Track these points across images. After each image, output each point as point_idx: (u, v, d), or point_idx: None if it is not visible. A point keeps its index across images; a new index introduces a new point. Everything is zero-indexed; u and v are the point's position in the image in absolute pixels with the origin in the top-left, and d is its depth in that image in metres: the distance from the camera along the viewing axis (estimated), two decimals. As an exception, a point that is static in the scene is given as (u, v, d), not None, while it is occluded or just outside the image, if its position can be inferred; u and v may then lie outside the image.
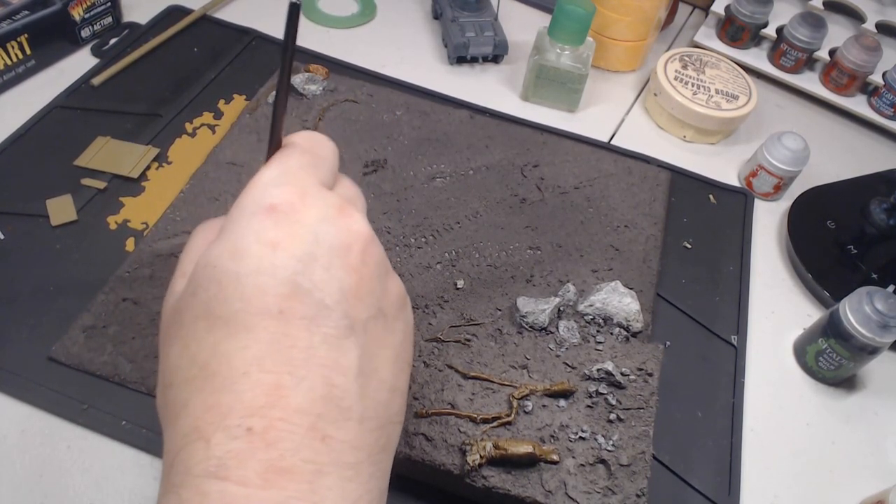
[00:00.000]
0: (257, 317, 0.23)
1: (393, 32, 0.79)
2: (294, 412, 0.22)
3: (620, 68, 0.80)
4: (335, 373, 0.24)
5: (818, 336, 0.54)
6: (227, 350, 0.23)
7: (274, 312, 0.23)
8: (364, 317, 0.25)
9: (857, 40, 0.75)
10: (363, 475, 0.24)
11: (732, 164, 0.72)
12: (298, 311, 0.24)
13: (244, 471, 0.21)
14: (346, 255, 0.25)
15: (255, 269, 0.24)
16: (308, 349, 0.23)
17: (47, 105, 0.63)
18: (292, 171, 0.27)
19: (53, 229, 0.54)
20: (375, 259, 0.27)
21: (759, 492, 0.49)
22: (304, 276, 0.24)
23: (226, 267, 0.24)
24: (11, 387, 0.46)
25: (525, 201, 0.60)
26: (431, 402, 0.45)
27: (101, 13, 0.70)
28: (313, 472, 0.22)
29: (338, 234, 0.25)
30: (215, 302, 0.24)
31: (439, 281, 0.52)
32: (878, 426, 0.54)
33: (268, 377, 0.23)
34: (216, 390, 0.23)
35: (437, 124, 0.65)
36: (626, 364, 0.48)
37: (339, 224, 0.26)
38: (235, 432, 0.22)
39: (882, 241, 0.64)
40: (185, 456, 0.22)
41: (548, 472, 0.42)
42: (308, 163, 0.27)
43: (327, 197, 0.26)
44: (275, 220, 0.25)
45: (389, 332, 0.27)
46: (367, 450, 0.24)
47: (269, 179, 0.26)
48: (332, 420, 0.23)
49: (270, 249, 0.24)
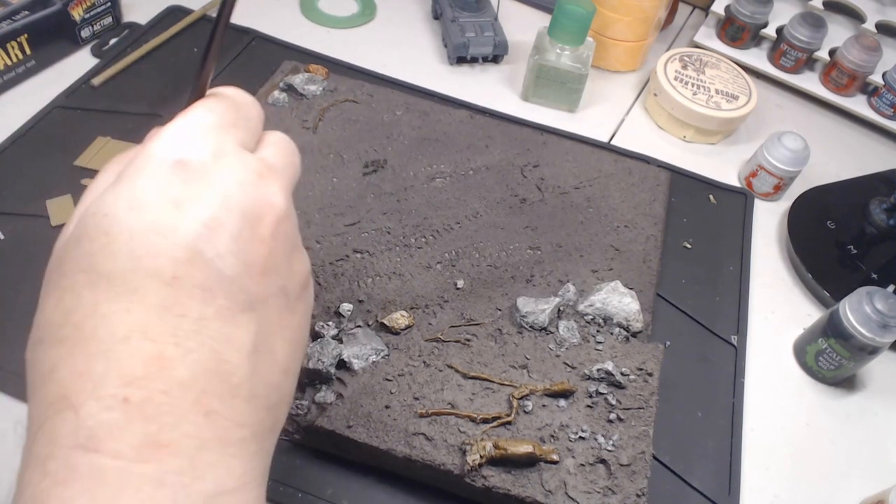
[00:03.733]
0: (147, 279, 0.21)
1: (393, 32, 0.79)
2: (177, 385, 0.21)
3: (620, 68, 0.80)
4: (227, 348, 0.22)
5: (818, 336, 0.54)
6: (107, 312, 0.21)
7: (166, 277, 0.21)
8: (265, 293, 0.24)
9: (857, 40, 0.75)
10: (248, 453, 0.23)
11: (732, 164, 0.72)
12: (194, 278, 0.22)
13: (118, 444, 0.20)
14: (256, 225, 0.23)
15: (152, 226, 0.21)
16: (199, 321, 0.22)
17: (47, 105, 0.63)
18: (211, 125, 0.24)
19: (53, 229, 0.54)
20: (286, 234, 0.25)
21: (759, 492, 0.49)
22: (207, 242, 0.22)
23: (119, 217, 0.22)
24: (11, 387, 0.46)
25: (525, 201, 0.60)
26: (431, 402, 0.45)
27: (101, 13, 0.70)
28: (195, 448, 0.21)
29: (250, 203, 0.23)
30: (101, 256, 0.21)
31: (439, 281, 0.52)
32: (878, 426, 0.54)
33: (151, 346, 0.21)
34: (90, 355, 0.21)
35: (437, 124, 0.65)
36: (626, 364, 0.48)
37: (254, 192, 0.24)
38: (109, 402, 0.20)
39: (882, 241, 0.64)
40: (52, 427, 0.21)
41: (548, 472, 0.42)
42: (231, 120, 0.25)
43: (245, 160, 0.24)
44: (183, 177, 0.22)
45: (290, 312, 0.25)
46: (253, 428, 0.23)
47: (184, 129, 0.24)
48: (218, 395, 0.22)
49: (173, 208, 0.22)
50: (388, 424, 0.43)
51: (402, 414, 0.44)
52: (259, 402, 0.23)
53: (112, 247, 0.21)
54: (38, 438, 0.21)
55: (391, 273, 0.52)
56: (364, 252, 0.53)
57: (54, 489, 0.20)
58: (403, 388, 0.45)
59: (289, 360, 0.25)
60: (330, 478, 0.45)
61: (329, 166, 0.59)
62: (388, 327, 0.48)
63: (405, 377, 0.46)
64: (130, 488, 0.20)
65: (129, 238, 0.21)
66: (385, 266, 0.53)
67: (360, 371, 0.45)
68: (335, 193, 0.57)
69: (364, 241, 0.54)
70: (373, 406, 0.44)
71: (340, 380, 0.45)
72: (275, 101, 0.64)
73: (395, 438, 0.43)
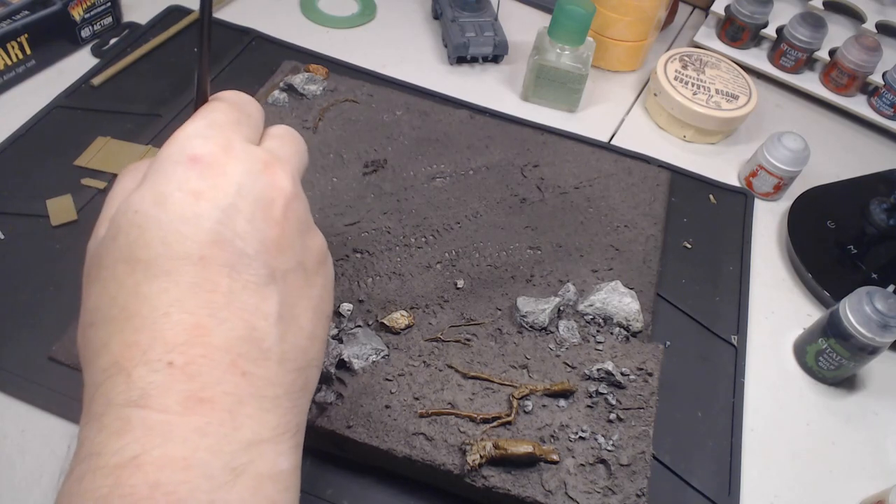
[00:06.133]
0: (178, 261, 0.24)
1: (393, 32, 0.79)
2: (215, 349, 0.23)
3: (620, 68, 0.80)
4: (256, 317, 0.25)
5: (818, 336, 0.54)
6: (148, 292, 0.24)
7: (195, 258, 0.24)
8: (284, 268, 0.26)
9: (857, 40, 0.75)
10: (281, 408, 0.25)
11: (732, 164, 0.72)
12: (220, 258, 0.24)
13: (165, 400, 0.22)
14: (269, 208, 0.26)
15: (177, 216, 0.24)
16: (229, 294, 0.24)
17: (47, 105, 0.63)
18: (218, 124, 0.27)
19: (53, 229, 0.54)
20: (297, 215, 0.27)
21: (759, 492, 0.49)
22: (226, 225, 0.25)
23: (148, 212, 0.24)
24: (11, 387, 0.46)
25: (525, 201, 0.60)
26: (431, 401, 0.45)
27: (101, 13, 0.70)
28: (233, 402, 0.23)
29: (261, 189, 0.26)
30: (136, 246, 0.24)
31: (439, 281, 0.52)
32: (878, 426, 0.54)
33: (189, 317, 0.23)
34: (137, 329, 0.23)
35: (437, 124, 0.65)
36: (626, 364, 0.48)
37: (263, 179, 0.26)
38: (156, 366, 0.23)
39: (882, 241, 0.64)
40: (106, 389, 0.23)
41: (548, 472, 0.42)
42: (234, 119, 0.28)
43: (252, 151, 0.27)
44: (199, 171, 0.25)
45: (309, 284, 0.28)
46: (286, 387, 0.26)
47: (193, 131, 0.27)
48: (252, 359, 0.24)
49: (193, 198, 0.25)
50: (388, 424, 0.43)
51: (402, 414, 0.44)
52: (289, 364, 0.26)
53: (145, 237, 0.24)
54: (95, 399, 0.23)
55: (391, 273, 0.52)
56: (364, 252, 0.53)
57: (110, 440, 0.22)
58: (403, 388, 0.45)
59: (313, 326, 0.28)
60: (330, 478, 0.45)
61: (329, 166, 0.59)
62: (388, 327, 0.48)
63: (405, 377, 0.46)
64: (177, 437, 0.22)
65: (158, 228, 0.24)
66: (385, 266, 0.53)
67: (360, 371, 0.45)
68: (335, 193, 0.57)
69: (364, 240, 0.54)
70: (373, 406, 0.44)
71: (340, 380, 0.45)
72: (275, 101, 0.64)
73: (395, 438, 0.43)
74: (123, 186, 0.28)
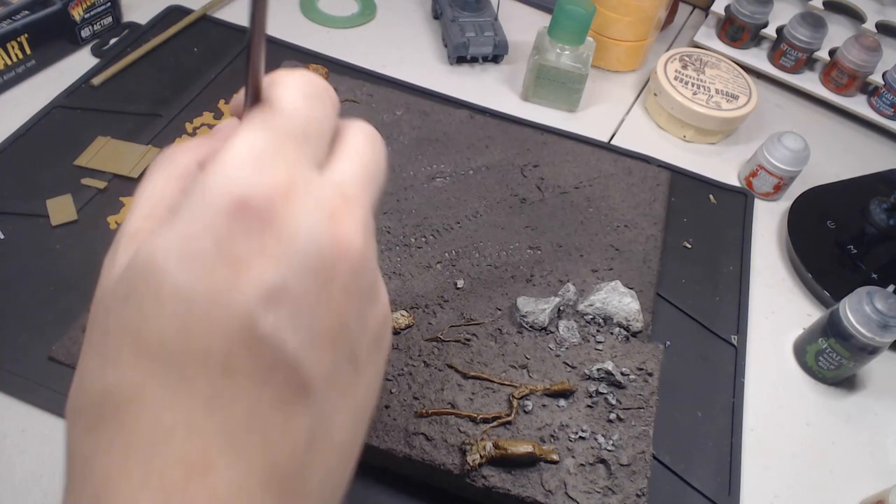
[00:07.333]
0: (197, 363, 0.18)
1: (393, 32, 0.79)
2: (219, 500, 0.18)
3: (620, 68, 0.80)
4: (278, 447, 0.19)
5: (818, 336, 0.54)
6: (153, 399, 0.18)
7: (218, 359, 0.18)
8: (328, 367, 0.20)
9: (857, 40, 0.75)
10: None
11: (732, 164, 0.72)
12: (249, 361, 0.18)
13: None
14: (328, 283, 0.19)
15: (206, 293, 0.18)
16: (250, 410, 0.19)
17: (47, 105, 0.63)
18: (278, 143, 0.19)
19: (53, 229, 0.54)
20: (361, 285, 0.21)
21: (759, 492, 0.49)
22: (267, 313, 0.18)
23: (170, 275, 0.18)
24: (11, 387, 0.46)
25: (525, 201, 0.60)
26: (431, 401, 0.45)
27: (101, 13, 0.70)
28: None
29: (322, 252, 0.19)
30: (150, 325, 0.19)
31: (439, 281, 0.52)
32: (878, 426, 0.54)
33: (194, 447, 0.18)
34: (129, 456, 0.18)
35: (437, 124, 0.65)
36: (626, 364, 0.48)
37: (327, 236, 0.19)
38: None
39: (882, 241, 0.64)
40: None
41: (548, 471, 0.42)
42: (300, 132, 0.20)
43: (319, 190, 0.20)
44: (246, 226, 0.18)
45: (356, 378, 0.21)
46: None
47: (246, 155, 0.19)
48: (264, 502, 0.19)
49: (230, 268, 0.18)
50: (387, 424, 0.43)
51: (402, 414, 0.44)
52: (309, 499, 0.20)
53: (162, 317, 0.18)
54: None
55: (391, 273, 0.52)
56: (364, 252, 0.53)
57: None
58: (403, 387, 0.45)
59: (351, 439, 0.22)
60: (330, 478, 0.45)
61: (329, 166, 0.59)
62: (388, 327, 0.48)
63: (405, 377, 0.46)
64: None
65: (180, 307, 0.18)
66: (385, 266, 0.53)
67: (360, 371, 0.45)
68: (335, 193, 0.57)
69: (364, 240, 0.54)
70: (373, 406, 0.44)
71: (340, 380, 0.45)
72: (275, 101, 0.63)
73: (395, 438, 0.43)
74: (150, 195, 0.21)
